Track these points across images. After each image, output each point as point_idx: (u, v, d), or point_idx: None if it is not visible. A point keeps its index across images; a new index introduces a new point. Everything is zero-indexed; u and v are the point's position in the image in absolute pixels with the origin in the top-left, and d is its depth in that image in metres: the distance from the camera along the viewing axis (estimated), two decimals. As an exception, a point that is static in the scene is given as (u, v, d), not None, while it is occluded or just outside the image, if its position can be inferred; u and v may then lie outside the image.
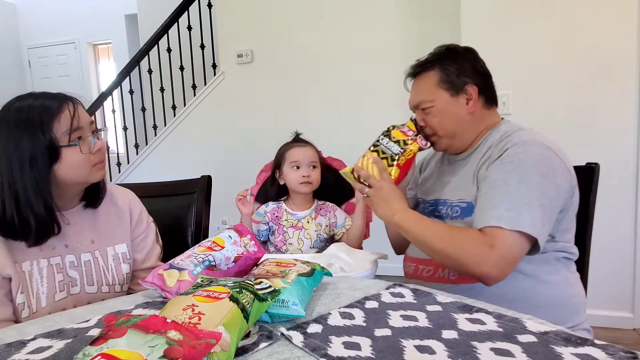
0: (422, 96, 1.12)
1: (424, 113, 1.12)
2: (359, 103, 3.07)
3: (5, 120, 0.90)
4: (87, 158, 0.95)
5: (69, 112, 0.93)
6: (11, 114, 0.90)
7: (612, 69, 2.08)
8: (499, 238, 0.91)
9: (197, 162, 3.63)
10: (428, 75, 1.12)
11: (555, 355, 0.57)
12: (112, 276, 1.06)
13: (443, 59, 1.12)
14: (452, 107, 1.10)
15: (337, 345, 0.62)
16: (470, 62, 1.12)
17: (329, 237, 1.48)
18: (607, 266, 2.10)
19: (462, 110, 1.10)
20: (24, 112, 0.90)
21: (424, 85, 1.13)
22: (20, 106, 0.91)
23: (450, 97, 1.10)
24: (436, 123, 1.11)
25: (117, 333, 0.51)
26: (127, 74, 3.93)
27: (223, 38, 3.47)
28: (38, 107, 0.91)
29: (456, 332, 0.65)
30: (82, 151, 0.93)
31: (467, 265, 0.93)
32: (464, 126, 1.11)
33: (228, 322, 0.58)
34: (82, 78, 6.32)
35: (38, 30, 6.39)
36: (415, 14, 2.93)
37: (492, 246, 0.91)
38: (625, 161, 2.10)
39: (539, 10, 2.16)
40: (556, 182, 0.96)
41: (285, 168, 1.47)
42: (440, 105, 1.10)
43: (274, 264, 0.87)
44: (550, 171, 0.96)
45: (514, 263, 0.94)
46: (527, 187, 0.94)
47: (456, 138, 1.12)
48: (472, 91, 1.09)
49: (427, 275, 1.09)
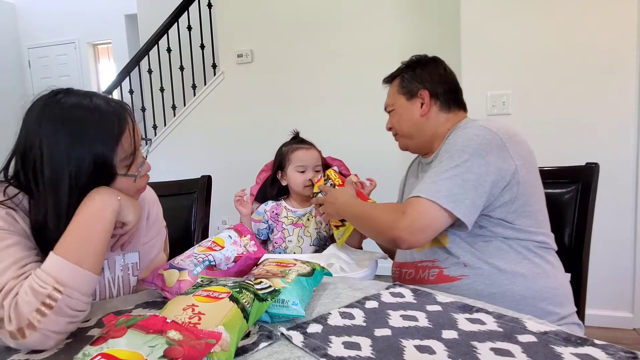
0: (387, 100, 1.29)
1: (390, 115, 1.28)
2: (359, 103, 3.07)
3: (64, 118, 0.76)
4: (137, 184, 0.86)
5: (129, 133, 0.80)
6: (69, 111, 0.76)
7: (612, 68, 2.08)
8: (411, 205, 1.00)
9: (197, 162, 3.63)
10: (393, 83, 1.27)
11: (555, 355, 0.57)
12: (117, 288, 0.95)
13: (406, 68, 1.24)
14: (407, 110, 1.22)
15: (337, 345, 0.62)
16: (428, 70, 1.21)
17: (328, 235, 1.48)
18: (607, 266, 2.10)
19: (415, 113, 1.20)
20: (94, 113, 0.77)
21: (390, 91, 1.28)
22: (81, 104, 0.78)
23: (406, 101, 1.22)
24: (395, 123, 1.25)
25: (117, 333, 0.51)
26: (127, 74, 3.93)
27: (223, 38, 3.47)
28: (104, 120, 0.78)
29: (456, 332, 0.65)
30: (135, 181, 0.84)
31: (383, 231, 1.04)
32: (419, 127, 1.21)
33: (228, 322, 0.58)
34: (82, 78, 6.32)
35: (38, 30, 6.39)
36: (415, 15, 2.93)
37: (403, 212, 1.00)
38: (625, 161, 2.09)
39: (539, 10, 2.16)
40: (486, 159, 0.98)
41: (290, 170, 1.47)
42: (398, 108, 1.23)
43: (274, 263, 0.87)
44: (481, 149, 0.99)
45: (427, 229, 0.99)
46: (454, 164, 1.00)
47: (413, 138, 1.23)
48: (425, 95, 1.19)
49: (409, 278, 1.13)
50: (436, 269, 1.06)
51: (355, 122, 3.08)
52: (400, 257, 1.19)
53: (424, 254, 1.10)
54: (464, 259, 1.02)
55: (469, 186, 0.97)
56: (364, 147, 2.99)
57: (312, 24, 3.18)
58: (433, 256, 1.08)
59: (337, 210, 1.23)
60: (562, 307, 1.02)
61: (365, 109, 3.04)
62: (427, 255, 1.09)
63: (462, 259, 1.03)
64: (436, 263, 1.07)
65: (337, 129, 3.10)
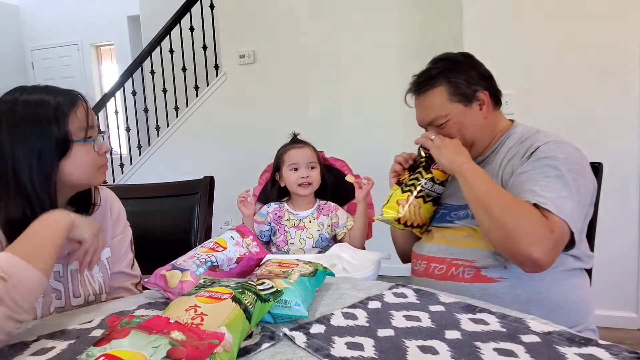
0: (434, 113, 1.10)
1: (439, 128, 1.11)
2: (361, 103, 3.07)
3: (13, 114, 0.85)
4: (96, 158, 0.92)
5: (83, 108, 0.91)
6: (20, 107, 0.86)
7: (616, 68, 2.07)
8: (556, 224, 0.88)
9: (200, 163, 3.64)
10: (435, 91, 1.10)
11: (559, 356, 0.57)
12: (98, 285, 1.00)
13: (447, 71, 1.10)
14: (468, 117, 1.09)
15: (340, 346, 0.62)
16: (475, 69, 1.12)
17: (331, 237, 1.48)
18: (611, 266, 2.09)
19: (478, 118, 1.10)
20: (35, 107, 0.86)
21: (434, 101, 1.10)
22: (29, 100, 0.87)
23: (464, 107, 1.09)
24: (455, 133, 1.09)
25: (121, 334, 0.51)
26: (129, 75, 3.94)
27: (225, 39, 3.48)
28: (51, 102, 0.87)
29: (459, 332, 0.65)
30: (95, 149, 0.91)
31: (519, 242, 0.87)
32: (483, 131, 1.11)
33: (230, 322, 0.58)
34: (85, 79, 6.33)
35: (41, 32, 6.41)
36: (417, 15, 2.92)
37: (552, 230, 0.87)
38: (629, 160, 2.08)
39: (542, 9, 2.15)
40: (586, 181, 0.98)
41: (285, 170, 1.48)
42: (457, 117, 1.09)
43: (277, 264, 0.87)
44: (582, 170, 0.98)
45: (558, 254, 0.91)
46: (565, 182, 0.93)
47: (475, 145, 1.12)
48: (484, 97, 1.09)
49: (439, 274, 1.06)
50: (473, 269, 1.02)
51: (358, 122, 3.08)
52: (427, 250, 1.13)
53: (464, 252, 1.04)
54: (507, 262, 0.98)
55: (581, 207, 0.95)
56: (366, 147, 2.99)
57: (313, 25, 3.18)
58: (473, 257, 1.03)
59: (462, 163, 1.01)
60: (586, 318, 1.02)
61: (367, 109, 3.04)
62: (467, 255, 1.04)
63: (504, 262, 0.98)
64: (474, 263, 1.02)
65: (339, 129, 3.10)
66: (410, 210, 1.09)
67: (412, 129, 1.32)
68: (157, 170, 3.87)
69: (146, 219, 1.35)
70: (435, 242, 1.13)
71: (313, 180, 1.46)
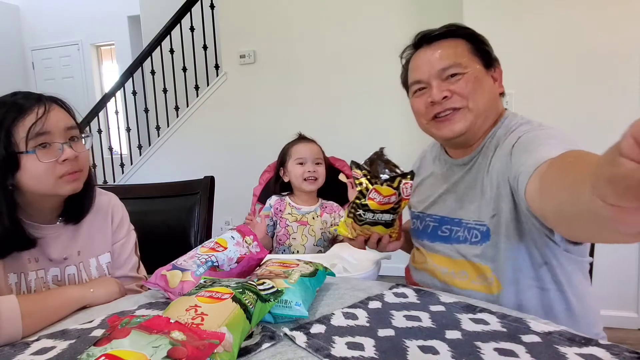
0: (453, 59, 0.92)
1: (449, 82, 0.92)
2: (361, 103, 3.06)
3: None
4: (51, 168, 0.85)
5: (35, 115, 0.84)
6: None
7: (617, 68, 2.07)
8: None
9: (200, 163, 3.64)
10: (456, 41, 0.95)
11: (560, 356, 0.57)
12: None
13: (468, 30, 0.97)
14: (485, 80, 0.93)
15: (341, 346, 0.62)
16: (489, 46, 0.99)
17: (332, 236, 1.48)
18: (612, 266, 2.09)
19: (492, 88, 0.95)
20: None
21: (453, 49, 0.94)
22: None
23: (484, 68, 0.94)
24: (468, 93, 0.91)
25: (121, 334, 0.51)
26: (130, 75, 3.94)
27: (225, 39, 3.48)
28: (6, 105, 0.83)
29: (460, 332, 0.65)
30: (40, 160, 0.84)
31: None
32: (493, 107, 0.95)
33: (231, 322, 0.58)
34: (86, 79, 6.34)
35: (41, 32, 6.41)
36: (417, 14, 2.92)
37: None
38: (630, 160, 2.08)
39: (542, 9, 2.15)
40: None
41: (290, 164, 1.48)
42: (476, 73, 0.92)
43: (277, 264, 0.87)
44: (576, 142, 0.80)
45: None
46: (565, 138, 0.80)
47: (479, 119, 0.93)
48: (499, 74, 0.98)
49: None
50: None
51: (358, 122, 3.08)
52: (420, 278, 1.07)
53: (459, 292, 0.96)
54: None
55: None
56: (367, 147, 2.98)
57: (314, 25, 3.18)
58: (470, 299, 0.93)
59: None
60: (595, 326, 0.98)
61: (368, 108, 3.04)
62: (462, 297, 0.94)
63: None
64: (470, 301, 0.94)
65: (340, 129, 3.10)
66: (361, 231, 0.91)
67: (412, 129, 1.32)
68: (157, 170, 3.87)
69: (147, 219, 1.35)
70: (429, 272, 1.04)
71: (319, 176, 1.46)
